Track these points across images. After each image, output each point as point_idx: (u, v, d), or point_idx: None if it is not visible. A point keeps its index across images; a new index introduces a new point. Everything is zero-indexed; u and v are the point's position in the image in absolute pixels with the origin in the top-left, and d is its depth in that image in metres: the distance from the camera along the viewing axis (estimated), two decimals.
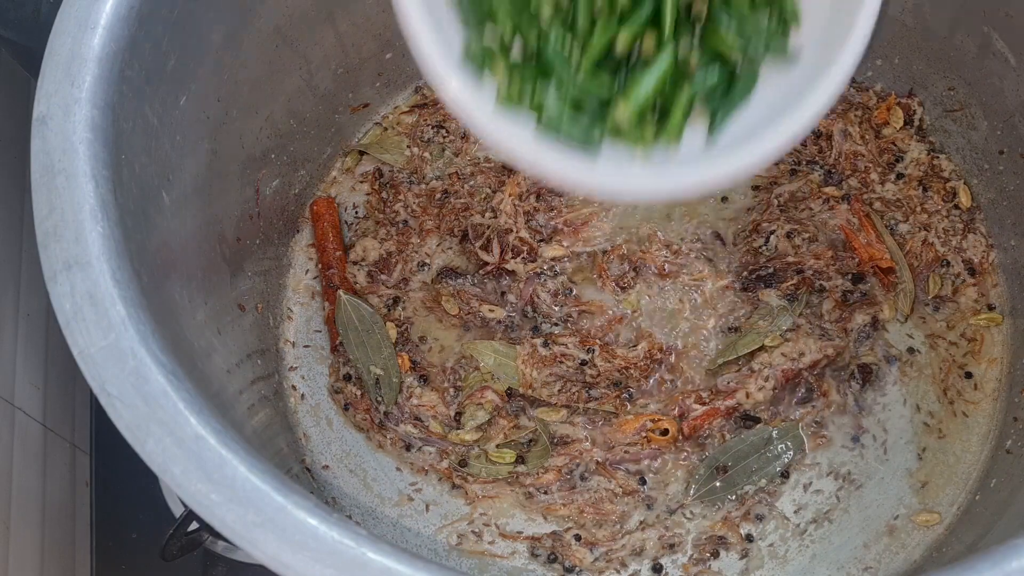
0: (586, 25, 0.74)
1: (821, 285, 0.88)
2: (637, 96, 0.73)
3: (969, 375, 0.87)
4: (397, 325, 0.90)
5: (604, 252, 0.92)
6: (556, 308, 0.90)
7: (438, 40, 0.69)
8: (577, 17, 0.74)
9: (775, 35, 0.74)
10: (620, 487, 0.84)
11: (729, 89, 0.75)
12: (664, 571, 0.82)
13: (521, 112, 0.73)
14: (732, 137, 0.74)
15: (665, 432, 0.85)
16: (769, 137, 0.70)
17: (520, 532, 0.84)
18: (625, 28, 0.73)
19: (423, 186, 0.96)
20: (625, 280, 0.91)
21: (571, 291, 0.91)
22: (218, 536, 0.91)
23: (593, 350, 0.87)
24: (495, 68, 0.73)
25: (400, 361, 0.89)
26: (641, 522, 0.84)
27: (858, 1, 0.70)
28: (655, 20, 0.74)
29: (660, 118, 0.74)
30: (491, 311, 0.90)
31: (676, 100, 0.74)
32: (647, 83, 0.73)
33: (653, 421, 0.85)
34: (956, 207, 0.91)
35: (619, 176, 0.70)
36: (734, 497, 0.84)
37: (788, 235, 0.91)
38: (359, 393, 0.89)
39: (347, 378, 0.89)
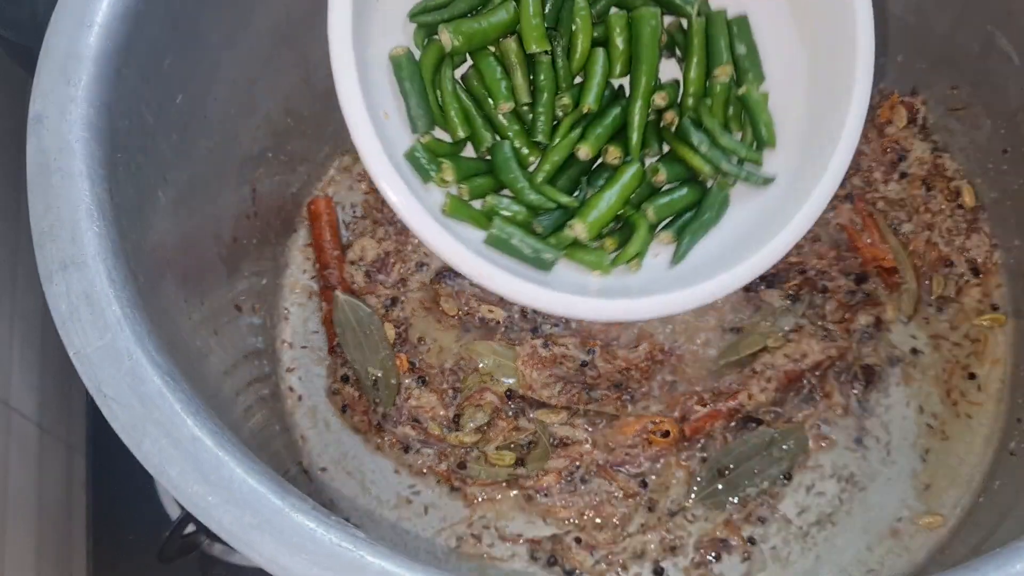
0: (546, 131, 0.72)
1: (824, 285, 0.88)
2: (598, 212, 0.70)
3: (973, 376, 0.86)
4: (395, 326, 0.90)
5: None
6: None
7: (383, 149, 0.66)
8: (538, 121, 0.72)
9: (749, 155, 0.72)
10: (621, 489, 0.84)
11: (698, 213, 0.73)
12: (665, 574, 0.82)
13: (469, 223, 0.71)
14: (698, 261, 0.72)
15: (666, 434, 0.84)
16: (738, 272, 0.68)
17: (520, 535, 0.84)
18: (588, 138, 0.71)
19: None
20: None
21: None
22: (215, 538, 0.91)
23: (593, 351, 0.87)
24: (443, 173, 0.70)
25: (398, 362, 0.88)
26: (642, 525, 0.83)
27: (838, 129, 0.68)
28: (623, 130, 0.73)
29: (621, 239, 0.72)
30: (490, 311, 0.89)
31: (638, 226, 0.71)
32: (606, 201, 0.70)
33: (654, 423, 0.84)
34: (960, 207, 0.91)
35: (572, 303, 0.67)
36: (736, 499, 0.83)
37: None
38: (357, 395, 0.88)
39: (345, 379, 0.89)
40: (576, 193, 0.75)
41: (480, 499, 0.85)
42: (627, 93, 0.74)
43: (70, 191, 0.60)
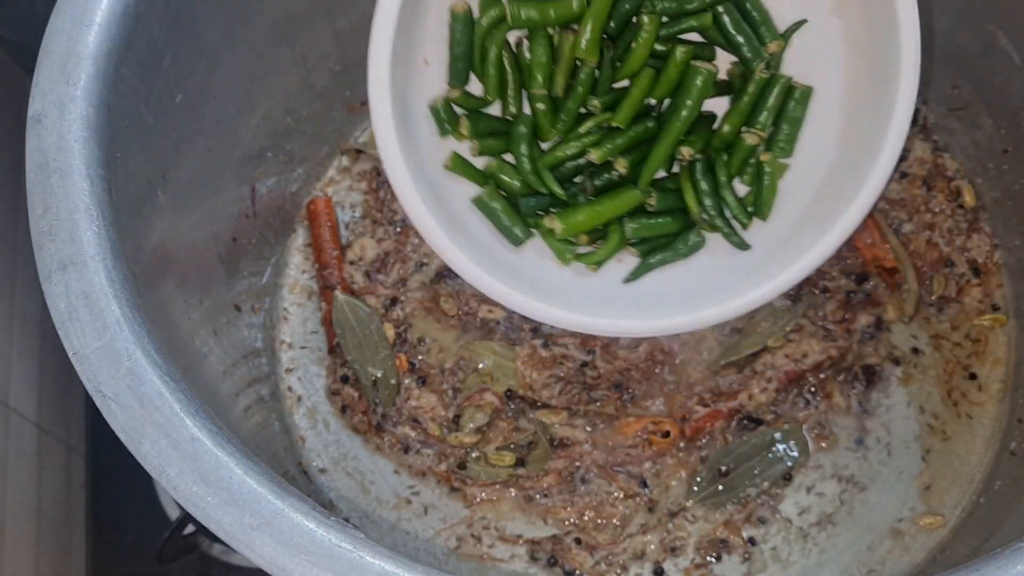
0: (565, 130, 0.74)
1: (824, 285, 0.88)
2: (580, 218, 0.73)
3: (973, 376, 0.86)
4: (395, 326, 0.89)
5: None
6: None
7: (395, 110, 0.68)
8: (560, 117, 0.73)
9: (739, 215, 0.74)
10: (621, 490, 0.84)
11: (671, 243, 0.75)
12: (666, 574, 0.82)
13: (466, 179, 0.74)
14: (654, 290, 0.75)
15: (667, 434, 0.84)
16: (682, 316, 0.71)
17: (520, 535, 0.84)
18: (603, 146, 0.73)
19: None
20: None
21: None
22: (214, 539, 0.91)
23: (594, 351, 0.87)
24: (461, 127, 0.73)
25: (398, 362, 0.88)
26: (642, 525, 0.83)
27: (838, 220, 0.70)
28: (639, 144, 0.74)
29: (594, 239, 0.75)
30: (490, 311, 0.89)
31: (612, 236, 0.74)
32: (593, 212, 0.73)
33: (654, 423, 0.84)
34: (960, 206, 0.90)
35: (519, 299, 0.72)
36: (736, 500, 0.83)
37: None
38: (357, 395, 0.88)
39: (344, 379, 0.89)
40: (578, 178, 0.76)
41: (480, 500, 0.85)
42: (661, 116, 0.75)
43: (69, 191, 0.60)
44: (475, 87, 0.75)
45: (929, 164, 0.92)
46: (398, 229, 0.93)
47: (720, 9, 0.71)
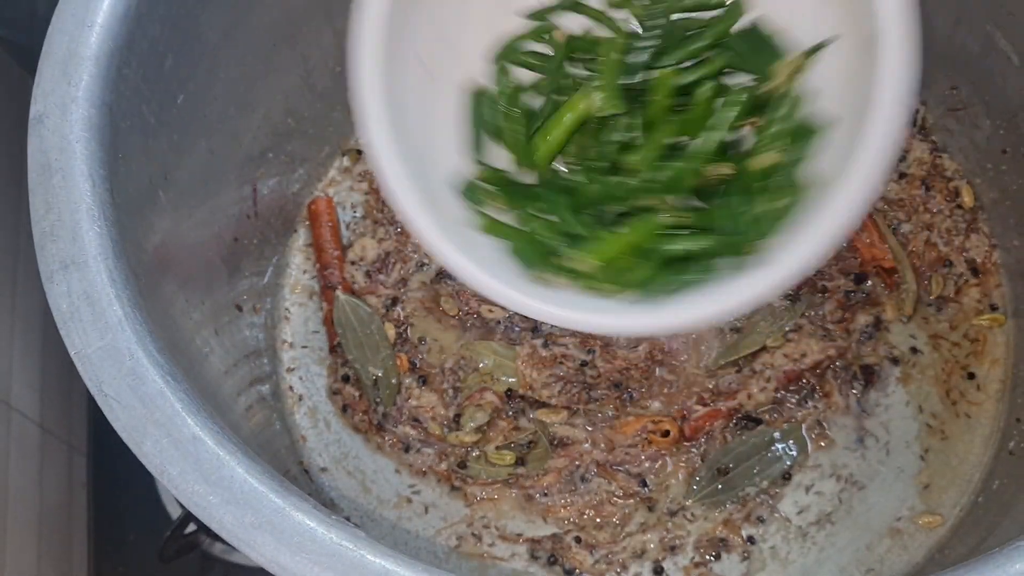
0: (598, 178, 0.70)
1: (823, 285, 0.88)
2: (601, 253, 0.69)
3: (972, 376, 0.86)
4: (396, 325, 0.90)
5: None
6: None
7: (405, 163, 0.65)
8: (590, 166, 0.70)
9: (759, 227, 0.69)
10: (621, 489, 0.84)
11: (686, 266, 0.70)
12: (665, 573, 0.82)
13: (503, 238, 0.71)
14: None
15: (666, 434, 0.84)
16: (683, 312, 0.67)
17: (520, 534, 0.84)
18: (641, 190, 0.69)
19: None
20: None
21: None
22: (216, 538, 0.91)
23: (593, 351, 0.87)
24: (496, 201, 0.70)
25: (398, 362, 0.88)
26: (642, 524, 0.83)
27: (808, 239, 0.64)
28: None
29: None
30: (490, 311, 0.89)
31: (638, 265, 0.70)
32: (619, 242, 0.69)
33: (654, 422, 0.84)
34: (959, 207, 0.91)
35: (548, 306, 0.67)
36: (735, 499, 0.83)
37: None
38: (357, 394, 0.88)
39: (345, 379, 0.89)
40: (618, 226, 0.72)
41: (480, 498, 0.85)
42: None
43: (71, 191, 0.60)
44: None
45: (928, 164, 0.92)
46: (399, 229, 0.93)
47: (727, 41, 0.69)
